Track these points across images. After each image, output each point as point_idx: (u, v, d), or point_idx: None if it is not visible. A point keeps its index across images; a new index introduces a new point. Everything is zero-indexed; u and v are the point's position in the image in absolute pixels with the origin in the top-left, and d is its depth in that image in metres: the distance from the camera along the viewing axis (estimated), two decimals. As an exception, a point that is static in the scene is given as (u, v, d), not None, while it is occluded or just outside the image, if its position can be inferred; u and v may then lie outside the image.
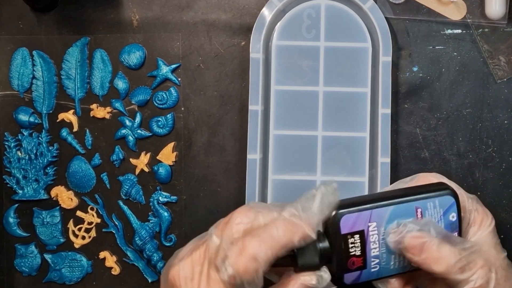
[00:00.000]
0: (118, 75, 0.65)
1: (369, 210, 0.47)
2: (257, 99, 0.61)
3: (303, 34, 0.62)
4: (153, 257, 0.64)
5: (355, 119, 0.62)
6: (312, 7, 0.62)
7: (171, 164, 0.64)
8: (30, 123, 0.65)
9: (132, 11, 0.65)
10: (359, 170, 0.62)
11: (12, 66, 0.65)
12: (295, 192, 0.62)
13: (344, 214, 0.47)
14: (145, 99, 0.64)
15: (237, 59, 0.64)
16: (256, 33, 0.62)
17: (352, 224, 0.47)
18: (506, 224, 0.63)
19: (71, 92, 0.65)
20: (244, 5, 0.64)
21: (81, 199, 0.65)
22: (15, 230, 0.65)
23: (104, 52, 0.65)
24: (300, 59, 0.62)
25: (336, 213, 0.47)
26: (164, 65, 0.64)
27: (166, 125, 0.64)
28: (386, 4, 0.63)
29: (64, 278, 0.65)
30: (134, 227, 0.65)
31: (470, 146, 0.63)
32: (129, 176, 0.65)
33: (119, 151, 0.65)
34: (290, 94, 0.62)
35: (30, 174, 0.65)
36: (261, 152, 0.62)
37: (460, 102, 0.63)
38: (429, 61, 0.63)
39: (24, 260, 0.65)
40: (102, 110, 0.65)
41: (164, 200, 0.64)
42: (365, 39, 0.62)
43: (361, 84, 0.62)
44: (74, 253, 0.65)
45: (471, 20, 0.62)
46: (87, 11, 0.65)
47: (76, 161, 0.65)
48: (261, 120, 0.62)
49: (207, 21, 0.64)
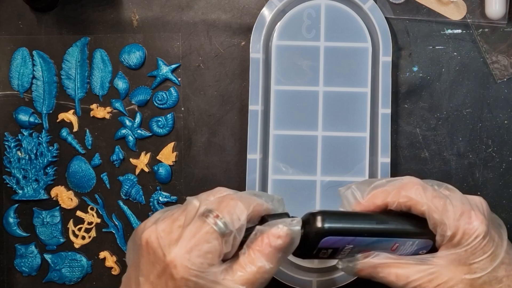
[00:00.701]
0: (118, 75, 0.65)
1: (353, 237, 0.48)
2: (257, 99, 0.61)
3: (303, 34, 0.62)
4: (153, 257, 0.64)
5: (355, 119, 0.62)
6: (312, 7, 0.62)
7: (171, 164, 0.64)
8: (30, 123, 0.65)
9: (132, 11, 0.65)
10: (359, 170, 0.62)
11: (12, 66, 0.65)
12: (295, 192, 0.62)
13: (328, 235, 0.47)
14: (145, 99, 0.64)
15: (237, 59, 0.64)
16: (256, 33, 0.62)
17: (332, 243, 0.48)
18: (506, 224, 0.63)
19: (71, 92, 0.65)
20: (244, 5, 0.64)
21: (81, 199, 0.65)
22: (15, 230, 0.65)
23: (104, 52, 0.65)
24: (300, 59, 0.62)
25: (321, 227, 0.47)
26: (164, 65, 0.64)
27: (166, 125, 0.64)
28: (386, 4, 0.63)
29: (64, 278, 0.65)
30: (134, 227, 0.65)
31: (470, 146, 0.63)
32: (129, 176, 0.65)
33: (119, 151, 0.65)
34: (290, 94, 0.62)
35: (30, 174, 0.65)
36: (261, 152, 0.62)
37: (460, 102, 0.63)
38: (429, 61, 0.63)
39: (24, 260, 0.65)
40: (102, 110, 0.65)
41: (164, 200, 0.64)
42: (365, 39, 0.62)
43: (361, 84, 0.62)
44: (74, 253, 0.65)
45: (471, 20, 0.62)
46: (87, 11, 0.65)
47: (76, 161, 0.65)
48: (261, 120, 0.62)
49: (207, 21, 0.64)
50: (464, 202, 0.48)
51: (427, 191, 0.48)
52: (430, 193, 0.48)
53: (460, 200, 0.48)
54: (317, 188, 0.62)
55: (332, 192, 0.62)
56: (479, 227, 0.47)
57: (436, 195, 0.48)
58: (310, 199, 0.62)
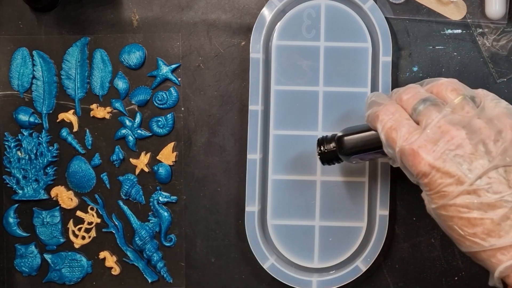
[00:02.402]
0: (118, 75, 0.65)
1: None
2: (257, 99, 0.62)
3: (303, 34, 0.62)
4: (153, 257, 0.64)
5: (355, 120, 0.62)
6: (312, 7, 0.62)
7: (171, 164, 0.64)
8: (30, 123, 0.65)
9: (132, 11, 0.65)
10: (359, 170, 0.62)
11: (12, 66, 0.65)
12: (295, 192, 0.62)
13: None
14: (145, 99, 0.64)
15: (237, 59, 0.64)
16: (256, 33, 0.62)
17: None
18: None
19: (71, 92, 0.65)
20: (244, 5, 0.64)
21: (81, 199, 0.65)
22: (15, 230, 0.65)
23: (104, 52, 0.65)
24: (300, 59, 0.62)
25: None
26: (164, 65, 0.64)
27: (166, 125, 0.64)
28: (386, 4, 0.63)
29: (64, 278, 0.65)
30: (134, 227, 0.65)
31: (470, 146, 0.63)
32: (129, 176, 0.65)
33: (119, 151, 0.65)
34: (290, 94, 0.62)
35: (30, 174, 0.65)
36: (261, 152, 0.62)
37: (460, 102, 0.63)
38: (429, 61, 0.63)
39: (24, 260, 0.65)
40: (102, 110, 0.65)
41: (164, 200, 0.64)
42: (365, 39, 0.62)
43: (361, 84, 0.62)
44: (74, 253, 0.65)
45: (471, 20, 0.62)
46: (87, 11, 0.65)
47: (76, 161, 0.65)
48: (261, 120, 0.62)
49: (207, 21, 0.64)
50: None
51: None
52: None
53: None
54: (317, 188, 0.62)
55: (332, 192, 0.62)
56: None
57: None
58: (310, 199, 0.62)
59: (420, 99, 0.50)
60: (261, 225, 0.62)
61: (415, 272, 0.63)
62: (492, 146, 0.47)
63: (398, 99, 0.52)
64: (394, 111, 0.51)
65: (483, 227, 0.47)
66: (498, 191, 0.47)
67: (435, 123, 0.49)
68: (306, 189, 0.62)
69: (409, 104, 0.51)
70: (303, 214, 0.62)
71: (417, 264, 0.63)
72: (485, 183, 0.47)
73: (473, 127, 0.48)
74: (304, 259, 0.62)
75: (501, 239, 0.46)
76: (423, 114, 0.50)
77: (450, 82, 0.51)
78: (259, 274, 0.63)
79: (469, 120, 0.48)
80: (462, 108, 0.49)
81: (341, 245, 0.62)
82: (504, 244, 0.46)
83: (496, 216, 0.46)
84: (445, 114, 0.49)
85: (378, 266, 0.63)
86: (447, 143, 0.48)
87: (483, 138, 0.47)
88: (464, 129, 0.48)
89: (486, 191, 0.47)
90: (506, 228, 0.46)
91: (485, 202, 0.47)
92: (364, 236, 0.62)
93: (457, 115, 0.49)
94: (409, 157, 0.49)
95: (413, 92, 0.52)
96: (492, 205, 0.47)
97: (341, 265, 0.62)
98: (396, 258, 0.63)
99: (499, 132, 0.48)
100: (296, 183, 0.62)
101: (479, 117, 0.48)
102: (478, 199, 0.47)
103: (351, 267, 0.61)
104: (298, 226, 0.62)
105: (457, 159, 0.47)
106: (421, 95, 0.51)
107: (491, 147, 0.47)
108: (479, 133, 0.48)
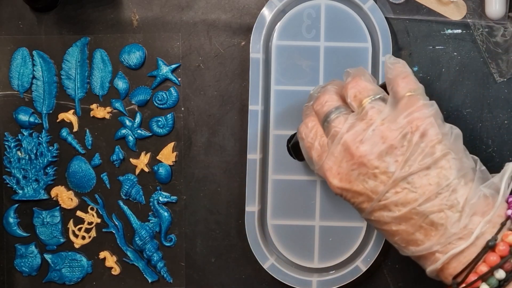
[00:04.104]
0: (118, 75, 0.65)
1: None
2: (257, 99, 0.62)
3: (303, 34, 0.62)
4: (153, 257, 0.64)
5: (355, 119, 0.62)
6: (312, 7, 0.62)
7: (171, 164, 0.64)
8: (30, 123, 0.65)
9: (132, 11, 0.65)
10: (359, 170, 0.62)
11: (12, 66, 0.65)
12: (295, 192, 0.62)
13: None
14: (145, 99, 0.64)
15: (237, 59, 0.64)
16: (256, 33, 0.62)
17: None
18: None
19: (71, 92, 0.65)
20: (244, 5, 0.64)
21: (81, 199, 0.65)
22: (15, 230, 0.65)
23: (104, 52, 0.65)
24: (300, 59, 0.62)
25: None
26: (164, 65, 0.64)
27: (166, 125, 0.64)
28: (386, 4, 0.63)
29: (64, 278, 0.65)
30: (134, 227, 0.65)
31: (470, 146, 0.63)
32: (129, 176, 0.65)
33: (119, 151, 0.65)
34: (290, 94, 0.62)
35: (30, 174, 0.65)
36: (261, 152, 0.62)
37: (460, 102, 0.63)
38: (429, 61, 0.63)
39: (24, 260, 0.65)
40: (102, 110, 0.65)
41: (164, 200, 0.64)
42: (365, 39, 0.62)
43: (361, 84, 0.62)
44: (74, 253, 0.65)
45: (471, 20, 0.62)
46: (87, 11, 0.65)
47: (76, 161, 0.65)
48: (261, 120, 0.62)
49: (207, 21, 0.64)
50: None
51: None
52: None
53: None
54: (317, 188, 0.62)
55: (332, 192, 0.62)
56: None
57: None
58: (310, 199, 0.62)
59: (328, 111, 0.50)
60: (261, 225, 0.62)
61: (415, 272, 0.63)
62: (398, 154, 0.46)
63: (314, 108, 0.52)
64: (311, 126, 0.51)
65: (401, 237, 0.47)
66: (407, 202, 0.46)
67: (338, 141, 0.48)
68: (306, 189, 0.62)
69: (320, 114, 0.51)
70: (303, 214, 0.62)
71: (417, 264, 0.63)
72: (393, 196, 0.46)
73: (375, 138, 0.47)
74: (304, 259, 0.62)
75: (419, 247, 0.47)
76: (329, 128, 0.49)
77: (352, 86, 0.50)
78: (259, 274, 0.63)
79: (371, 130, 0.47)
80: (366, 114, 0.48)
81: (341, 245, 0.62)
82: (422, 253, 0.47)
83: (410, 228, 0.46)
84: (347, 127, 0.48)
85: (378, 266, 0.63)
86: (348, 163, 0.47)
87: (386, 147, 0.46)
88: (364, 144, 0.47)
89: (395, 205, 0.46)
90: (421, 237, 0.47)
91: (396, 216, 0.46)
92: (364, 236, 0.62)
93: (359, 127, 0.47)
94: (324, 179, 0.50)
95: (322, 101, 0.51)
96: (403, 218, 0.46)
97: (341, 265, 0.62)
98: (396, 258, 0.63)
99: (403, 136, 0.46)
100: (296, 183, 0.62)
101: (383, 122, 0.47)
102: (390, 214, 0.47)
103: (351, 267, 0.61)
104: (298, 226, 0.62)
105: (361, 177, 0.47)
106: (328, 105, 0.50)
107: (397, 155, 0.46)
108: (381, 143, 0.47)
